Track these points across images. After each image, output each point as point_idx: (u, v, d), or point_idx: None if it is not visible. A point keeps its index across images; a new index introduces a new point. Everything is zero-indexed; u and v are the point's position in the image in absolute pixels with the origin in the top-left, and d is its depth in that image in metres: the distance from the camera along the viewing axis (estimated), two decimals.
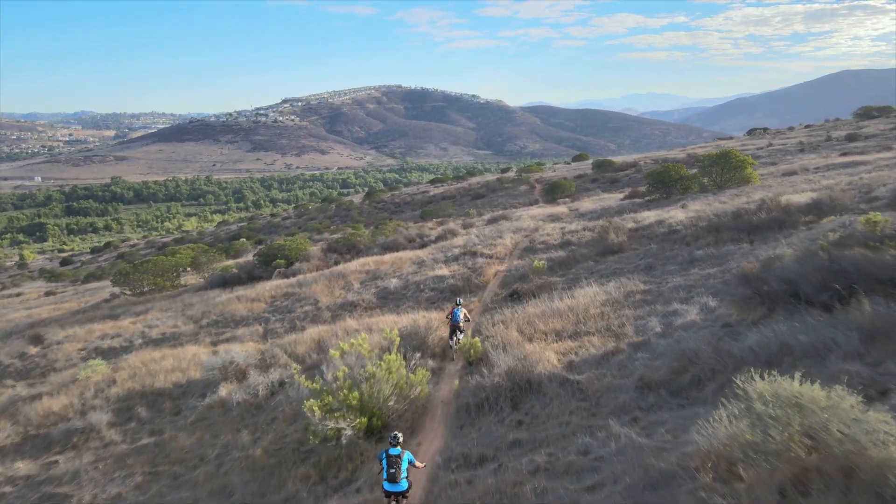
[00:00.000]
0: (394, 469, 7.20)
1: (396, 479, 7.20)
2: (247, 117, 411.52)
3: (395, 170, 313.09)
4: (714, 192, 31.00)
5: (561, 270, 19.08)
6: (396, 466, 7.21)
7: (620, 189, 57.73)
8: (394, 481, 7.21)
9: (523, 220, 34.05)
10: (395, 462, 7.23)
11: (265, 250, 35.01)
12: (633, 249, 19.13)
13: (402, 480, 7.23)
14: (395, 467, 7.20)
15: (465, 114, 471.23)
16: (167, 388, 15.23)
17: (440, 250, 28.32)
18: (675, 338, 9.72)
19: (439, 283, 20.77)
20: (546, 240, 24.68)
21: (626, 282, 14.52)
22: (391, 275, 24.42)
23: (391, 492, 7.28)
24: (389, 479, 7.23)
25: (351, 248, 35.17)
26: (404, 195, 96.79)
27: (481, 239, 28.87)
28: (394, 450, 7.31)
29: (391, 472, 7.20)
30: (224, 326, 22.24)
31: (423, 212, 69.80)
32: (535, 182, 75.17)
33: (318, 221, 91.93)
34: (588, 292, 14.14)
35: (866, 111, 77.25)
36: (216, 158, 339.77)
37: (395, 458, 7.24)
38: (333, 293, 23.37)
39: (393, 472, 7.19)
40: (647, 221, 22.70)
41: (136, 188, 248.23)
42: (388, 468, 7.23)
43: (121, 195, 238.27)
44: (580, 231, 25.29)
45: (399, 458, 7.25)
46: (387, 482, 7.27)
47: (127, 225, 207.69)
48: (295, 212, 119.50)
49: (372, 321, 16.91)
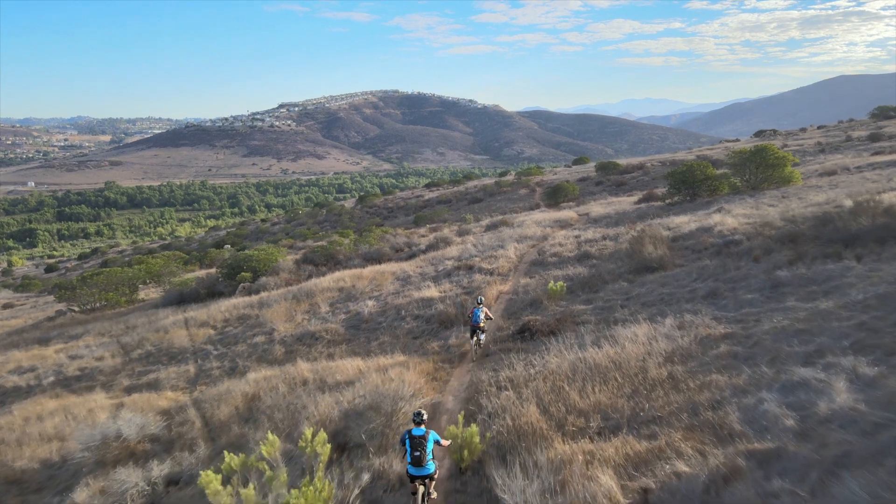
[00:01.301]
0: (419, 451, 6.50)
1: (422, 461, 6.49)
2: (243, 122, 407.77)
3: (391, 175, 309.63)
4: (750, 193, 26.54)
5: (585, 294, 14.53)
6: (421, 448, 6.52)
7: (629, 192, 53.37)
8: (419, 464, 6.50)
9: (527, 227, 29.51)
10: (419, 443, 6.55)
11: (230, 262, 30.39)
12: (679, 266, 14.61)
13: (428, 463, 6.54)
14: (419, 449, 6.52)
15: (462, 119, 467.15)
16: (31, 469, 10.58)
17: (430, 263, 23.76)
18: (841, 451, 5.20)
19: (425, 309, 16.18)
20: (559, 251, 20.13)
21: (691, 318, 9.97)
22: (368, 294, 19.85)
23: (416, 476, 6.55)
24: (414, 462, 6.52)
25: (329, 258, 30.59)
26: (398, 200, 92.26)
27: (479, 249, 24.32)
28: (417, 430, 6.67)
29: (416, 454, 6.51)
30: (154, 362, 17.60)
31: (417, 217, 65.55)
32: (535, 185, 70.87)
33: (307, 227, 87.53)
34: (637, 334, 9.61)
35: (883, 111, 73.60)
36: (212, 163, 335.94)
37: (420, 440, 6.57)
38: (295, 318, 18.75)
39: (418, 454, 6.49)
40: (687, 229, 18.19)
41: (129, 193, 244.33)
42: (413, 451, 6.55)
43: (114, 200, 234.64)
44: (599, 240, 20.76)
45: (424, 438, 6.59)
46: (411, 465, 6.55)
47: (119, 230, 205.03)
48: (284, 217, 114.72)
49: (332, 366, 12.32)
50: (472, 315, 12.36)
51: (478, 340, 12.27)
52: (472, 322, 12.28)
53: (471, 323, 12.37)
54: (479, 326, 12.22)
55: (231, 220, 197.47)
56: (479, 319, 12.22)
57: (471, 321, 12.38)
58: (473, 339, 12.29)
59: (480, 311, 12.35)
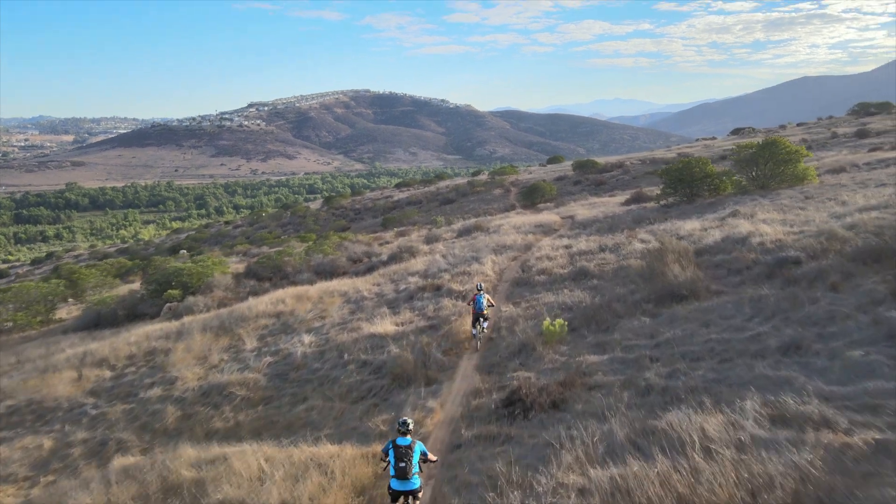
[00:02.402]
0: (403, 462, 5.91)
1: (407, 474, 5.90)
2: (211, 122, 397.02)
3: (363, 175, 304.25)
4: (760, 193, 23.08)
5: (592, 333, 10.58)
6: (407, 459, 5.93)
7: (611, 192, 50.00)
8: (403, 477, 5.91)
9: (505, 233, 25.59)
10: (404, 454, 5.96)
11: (157, 276, 25.73)
12: (717, 293, 10.77)
13: (413, 477, 5.95)
14: (404, 460, 5.93)
15: (434, 118, 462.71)
16: None
17: (391, 279, 19.62)
18: None
19: (375, 353, 12.03)
20: (548, 266, 16.18)
21: (790, 403, 6.05)
22: (308, 324, 15.61)
23: (399, 491, 5.94)
24: (398, 474, 5.93)
25: (276, 271, 26.21)
26: (366, 201, 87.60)
27: (450, 262, 20.27)
28: (403, 439, 6.10)
29: (400, 466, 5.93)
30: (15, 424, 13.07)
31: (385, 219, 61.41)
32: (509, 185, 67.16)
33: (269, 230, 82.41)
34: (706, 432, 5.69)
35: (863, 107, 72.36)
36: (178, 164, 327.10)
37: (405, 450, 5.99)
38: (210, 358, 14.41)
39: (403, 465, 5.91)
40: (709, 240, 14.43)
41: (91, 195, 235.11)
42: (397, 461, 5.97)
43: (75, 202, 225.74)
44: (596, 252, 16.88)
45: (410, 448, 6.00)
46: (395, 479, 5.96)
47: (80, 233, 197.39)
48: (247, 219, 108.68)
49: (226, 460, 8.12)
50: (475, 302, 11.97)
51: (481, 329, 11.90)
52: (476, 309, 11.90)
53: (473, 310, 12.01)
54: (483, 314, 11.88)
55: (198, 221, 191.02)
56: (482, 307, 11.87)
57: (473, 308, 12.02)
58: (476, 327, 11.92)
59: (483, 297, 12.00)
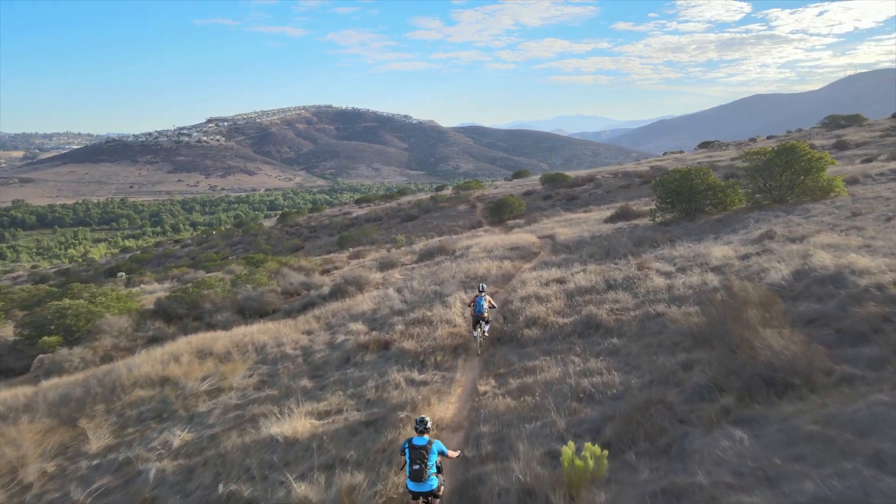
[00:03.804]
0: (418, 465, 5.42)
1: (422, 476, 5.42)
2: (168, 137, 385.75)
3: (325, 191, 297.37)
4: (782, 208, 19.13)
5: (648, 467, 5.91)
6: (422, 461, 5.45)
7: (585, 207, 46.17)
8: (419, 479, 5.43)
9: (475, 258, 21.00)
10: (420, 455, 5.49)
11: (33, 318, 20.12)
12: (845, 379, 6.31)
13: (430, 478, 5.47)
14: (420, 462, 5.44)
15: (397, 134, 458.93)
16: None
17: (326, 325, 14.72)
18: None
19: (268, 487, 7.08)
20: (539, 313, 11.55)
21: None
22: (193, 405, 10.58)
23: (418, 493, 5.49)
24: (413, 476, 5.45)
25: (192, 308, 20.93)
26: (323, 217, 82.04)
27: (406, 298, 15.50)
28: (419, 439, 5.67)
29: (415, 468, 5.44)
30: None
31: (342, 237, 56.43)
32: (475, 201, 62.93)
33: (216, 250, 76.07)
34: None
35: (833, 120, 71.15)
36: (134, 180, 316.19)
37: (421, 450, 5.53)
38: (20, 475, 9.22)
39: (417, 468, 5.41)
40: (773, 277, 10.06)
41: (39, 212, 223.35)
42: (412, 463, 5.49)
43: (21, 220, 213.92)
44: (604, 291, 12.36)
45: (426, 449, 5.55)
46: (410, 481, 5.50)
47: (25, 252, 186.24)
48: (196, 238, 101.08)
49: None
50: (475, 304, 11.31)
51: (482, 332, 11.23)
52: (476, 312, 11.23)
53: (473, 313, 11.30)
54: (483, 317, 11.19)
55: (152, 239, 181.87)
56: (482, 309, 11.18)
57: (473, 311, 11.33)
58: (477, 330, 11.22)
59: (483, 299, 11.31)
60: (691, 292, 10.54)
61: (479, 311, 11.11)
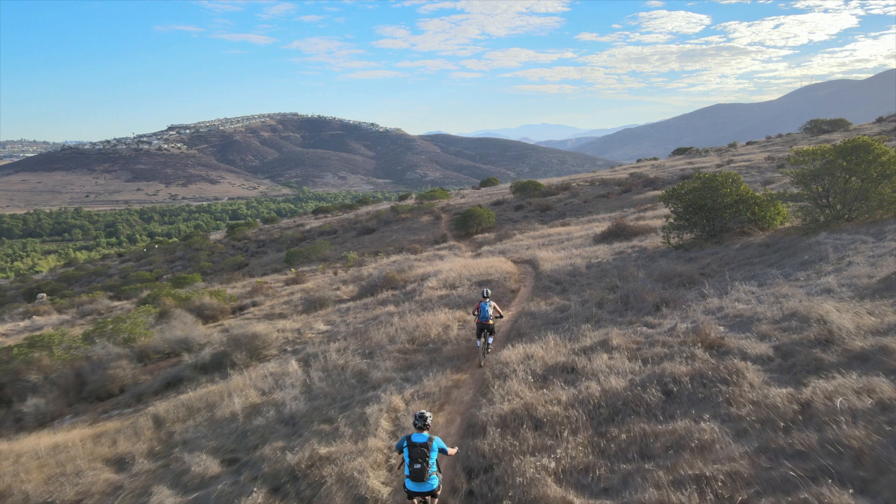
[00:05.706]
0: (419, 464, 4.99)
1: (423, 475, 5.00)
2: (127, 145, 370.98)
3: (290, 199, 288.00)
4: (857, 229, 13.62)
5: None
6: (423, 459, 5.01)
7: (561, 219, 40.56)
8: (419, 479, 5.01)
9: (429, 301, 14.95)
10: (420, 452, 5.03)
11: None
12: None
13: (430, 477, 5.04)
14: (420, 460, 5.01)
15: (364, 142, 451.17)
16: None
17: (149, 456, 8.40)
18: None
19: None
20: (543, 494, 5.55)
21: None
22: None
23: (416, 492, 5.07)
24: (413, 476, 5.02)
25: (12, 381, 14.20)
26: (275, 230, 74.84)
27: (311, 389, 9.34)
28: (419, 436, 5.17)
29: (416, 467, 5.01)
30: None
31: (290, 253, 49.83)
32: (440, 211, 56.93)
33: (152, 268, 68.24)
34: None
35: (815, 125, 67.64)
36: (90, 189, 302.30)
37: (421, 448, 5.05)
38: None
39: (419, 467, 4.99)
40: None
41: None
42: (412, 462, 5.04)
43: None
44: (655, 405, 6.43)
45: (426, 447, 5.08)
46: (409, 480, 5.07)
47: None
48: (136, 253, 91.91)
49: None
50: (479, 311, 10.32)
51: (486, 343, 10.22)
52: (480, 319, 10.26)
53: (478, 320, 10.30)
54: (488, 325, 10.19)
55: (106, 250, 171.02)
56: (487, 316, 10.21)
57: (478, 318, 10.34)
58: (480, 339, 10.24)
59: (488, 305, 10.31)
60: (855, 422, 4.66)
61: (485, 317, 10.24)
